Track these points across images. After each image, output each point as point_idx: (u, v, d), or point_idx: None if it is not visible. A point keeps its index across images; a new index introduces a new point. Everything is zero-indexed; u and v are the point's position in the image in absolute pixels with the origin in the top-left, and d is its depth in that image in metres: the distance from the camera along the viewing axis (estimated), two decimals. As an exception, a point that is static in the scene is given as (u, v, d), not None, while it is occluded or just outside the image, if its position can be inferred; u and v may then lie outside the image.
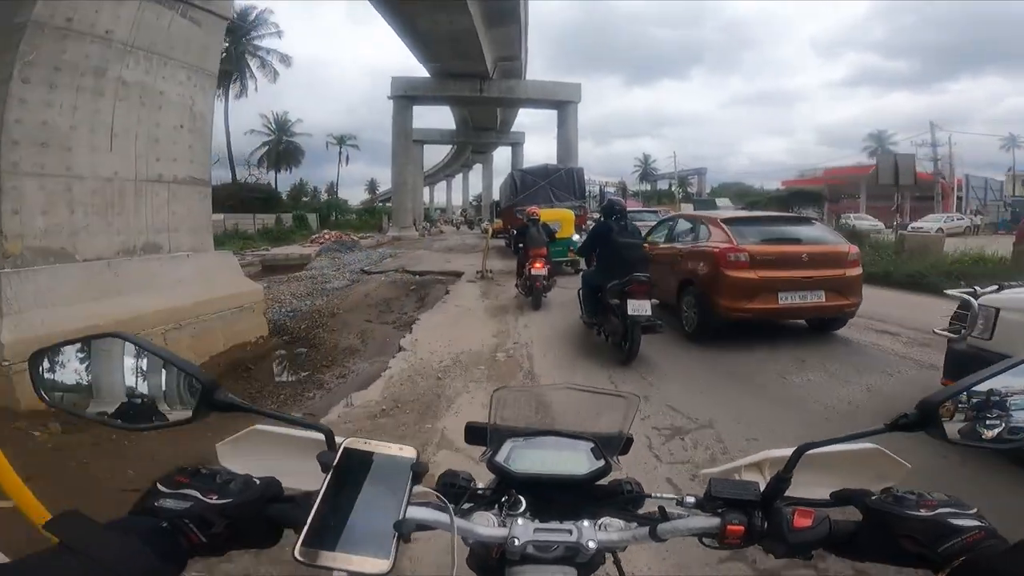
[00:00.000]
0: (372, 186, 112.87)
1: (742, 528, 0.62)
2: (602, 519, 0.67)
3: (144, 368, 0.64)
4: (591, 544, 0.62)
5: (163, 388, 0.64)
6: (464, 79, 34.39)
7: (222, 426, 0.86)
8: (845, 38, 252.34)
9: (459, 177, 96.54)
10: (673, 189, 66.47)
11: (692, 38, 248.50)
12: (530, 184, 17.64)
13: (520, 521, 0.65)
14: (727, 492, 0.64)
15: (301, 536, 0.53)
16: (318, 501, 0.56)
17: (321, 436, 0.64)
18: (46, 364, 0.64)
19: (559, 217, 13.23)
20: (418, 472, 0.61)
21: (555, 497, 0.70)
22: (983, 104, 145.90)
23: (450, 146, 70.67)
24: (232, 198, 37.79)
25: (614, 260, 5.67)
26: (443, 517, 0.61)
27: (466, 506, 0.68)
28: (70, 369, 0.64)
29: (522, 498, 0.69)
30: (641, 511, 0.73)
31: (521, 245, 9.06)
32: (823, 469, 0.75)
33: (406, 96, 35.01)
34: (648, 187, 79.41)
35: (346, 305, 9.53)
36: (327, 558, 0.52)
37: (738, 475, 0.81)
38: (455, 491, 0.70)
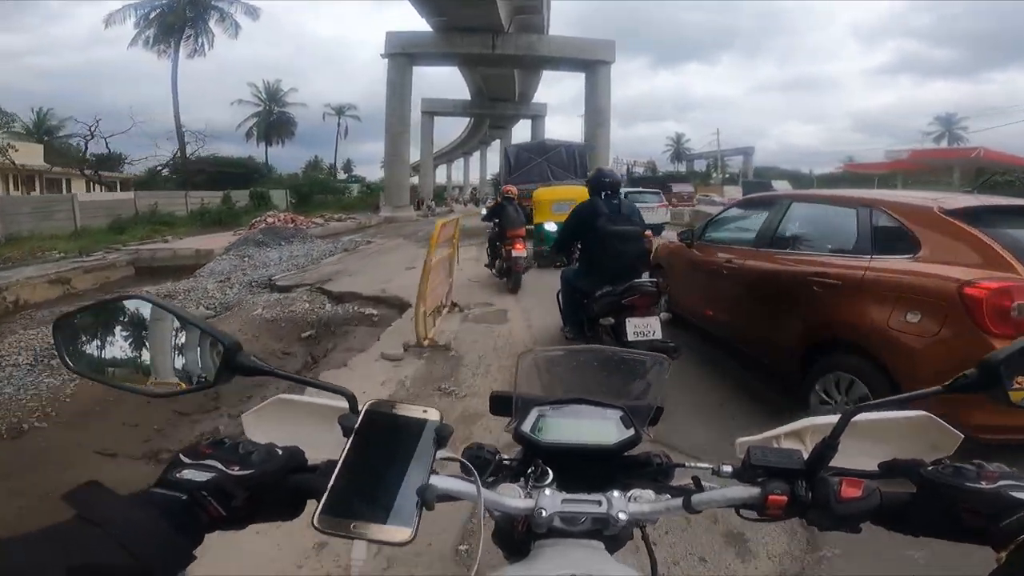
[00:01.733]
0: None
1: (785, 498, 0.58)
2: (632, 490, 0.64)
3: (167, 330, 0.62)
4: (622, 516, 0.60)
5: (185, 351, 0.62)
6: (474, 34, 29.08)
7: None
8: (887, 25, 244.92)
9: (477, 155, 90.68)
10: (712, 171, 59.92)
11: (723, 22, 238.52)
12: (525, 161, 16.07)
13: (547, 492, 0.62)
14: (768, 460, 0.60)
15: (320, 504, 0.50)
16: (338, 467, 0.53)
17: (345, 403, 0.61)
18: (69, 330, 0.62)
19: (568, 195, 10.40)
20: (442, 436, 0.57)
21: (583, 468, 0.67)
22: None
23: (466, 120, 65.60)
24: (200, 173, 32.99)
25: (603, 257, 3.86)
26: (469, 487, 0.58)
27: (491, 479, 0.66)
28: (92, 334, 0.63)
29: (549, 469, 0.66)
30: (673, 483, 0.69)
31: (496, 225, 8.21)
32: (869, 438, 0.70)
33: (404, 54, 29.59)
34: (683, 168, 72.99)
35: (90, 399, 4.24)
36: (347, 526, 0.49)
37: (777, 443, 0.74)
38: (480, 463, 0.66)
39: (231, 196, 25.03)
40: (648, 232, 4.19)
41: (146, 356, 0.63)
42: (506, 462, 0.71)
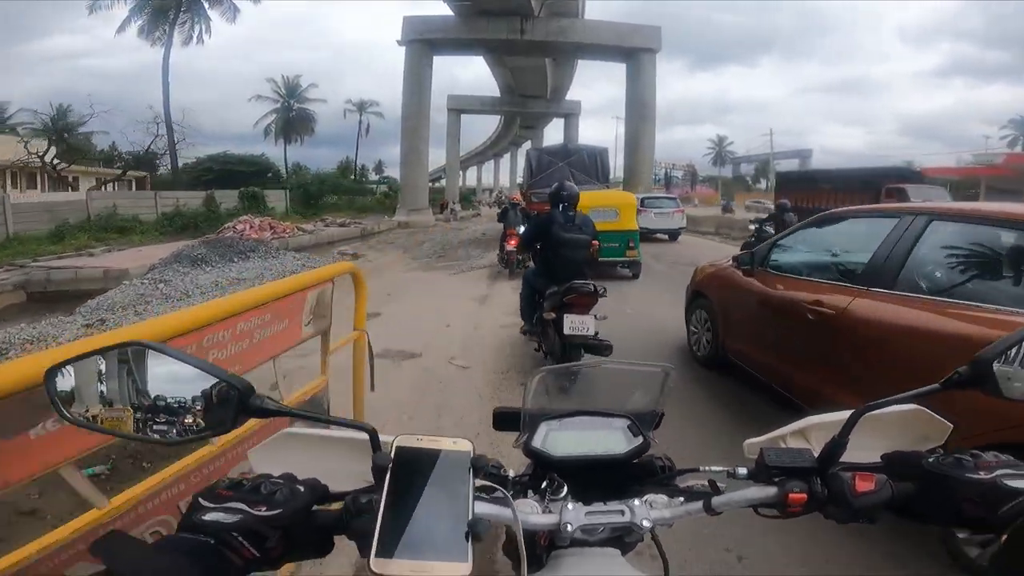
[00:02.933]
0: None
1: (804, 496, 0.60)
2: (647, 496, 0.65)
3: (172, 376, 0.59)
4: (645, 523, 0.61)
5: (194, 396, 0.59)
6: (500, 18, 26.20)
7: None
8: (937, 26, 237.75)
9: (508, 156, 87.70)
10: (763, 176, 55.17)
11: (763, 24, 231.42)
12: (547, 165, 15.97)
13: (570, 506, 0.63)
14: (782, 461, 0.63)
15: (374, 546, 0.50)
16: (382, 507, 0.52)
17: (358, 435, 0.60)
18: (64, 379, 0.59)
19: (613, 202, 9.69)
20: (478, 468, 0.57)
21: (596, 478, 0.69)
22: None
23: (496, 120, 62.72)
24: (208, 172, 30.65)
25: (554, 260, 4.38)
26: (504, 511, 0.59)
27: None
28: (90, 383, 0.60)
29: (564, 482, 0.67)
30: (684, 485, 0.70)
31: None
32: (867, 432, 0.70)
33: (422, 40, 26.77)
34: (727, 171, 68.45)
35: None
36: (403, 567, 0.49)
37: (784, 443, 0.76)
38: (496, 481, 0.65)
39: (215, 197, 21.90)
40: (595, 241, 4.56)
41: (149, 403, 0.59)
42: (516, 478, 0.71)
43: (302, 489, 0.57)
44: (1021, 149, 49.10)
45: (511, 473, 0.70)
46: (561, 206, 4.39)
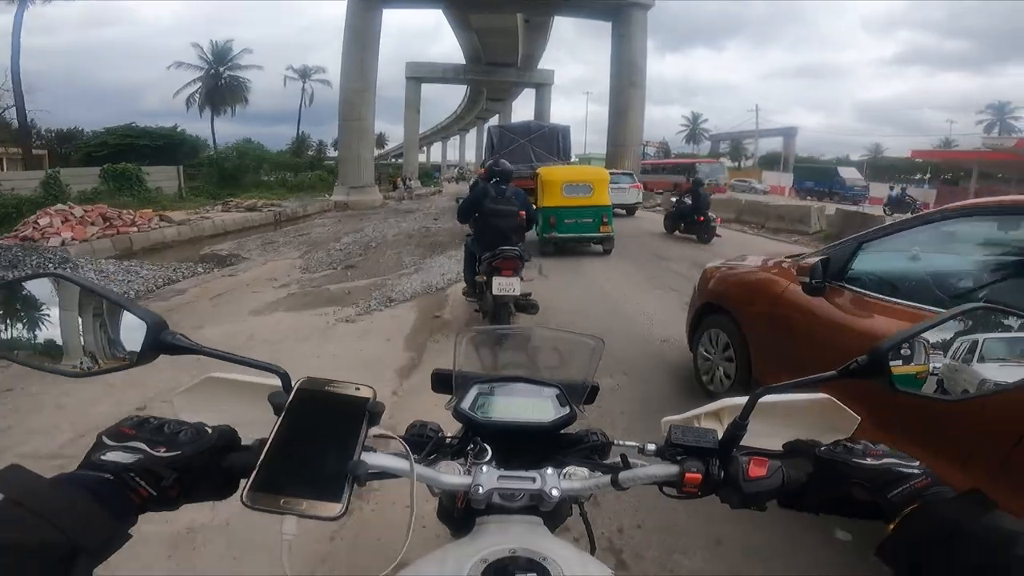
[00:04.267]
0: (381, 140, 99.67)
1: (699, 476, 0.60)
2: (568, 468, 0.66)
3: (86, 309, 0.60)
4: (554, 492, 0.61)
5: (107, 330, 0.60)
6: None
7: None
8: (899, 17, 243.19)
9: (474, 132, 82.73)
10: (743, 154, 51.86)
11: (733, 8, 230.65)
12: (508, 142, 15.47)
13: (484, 469, 0.63)
14: (686, 440, 0.63)
15: (249, 480, 0.51)
16: (268, 444, 0.53)
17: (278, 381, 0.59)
18: None
19: (587, 177, 9.66)
20: (373, 412, 0.57)
21: (521, 445, 0.70)
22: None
23: (462, 93, 57.74)
24: (103, 148, 25.18)
25: (486, 229, 4.81)
26: (403, 463, 0.58)
27: (433, 456, 0.67)
28: (6, 312, 0.60)
29: (488, 447, 0.67)
30: (608, 461, 0.71)
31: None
32: (779, 419, 0.73)
33: (367, -16, 21.88)
34: (700, 150, 65.39)
35: None
36: (276, 502, 0.49)
37: (698, 423, 0.78)
38: (421, 441, 0.69)
39: (60, 177, 14.85)
40: (522, 212, 4.83)
41: (65, 334, 0.60)
42: (447, 440, 0.72)
43: (209, 431, 0.57)
44: (998, 133, 48.04)
45: (448, 435, 0.73)
46: (494, 180, 4.93)
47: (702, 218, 11.15)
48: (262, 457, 0.52)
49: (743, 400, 0.64)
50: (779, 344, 2.85)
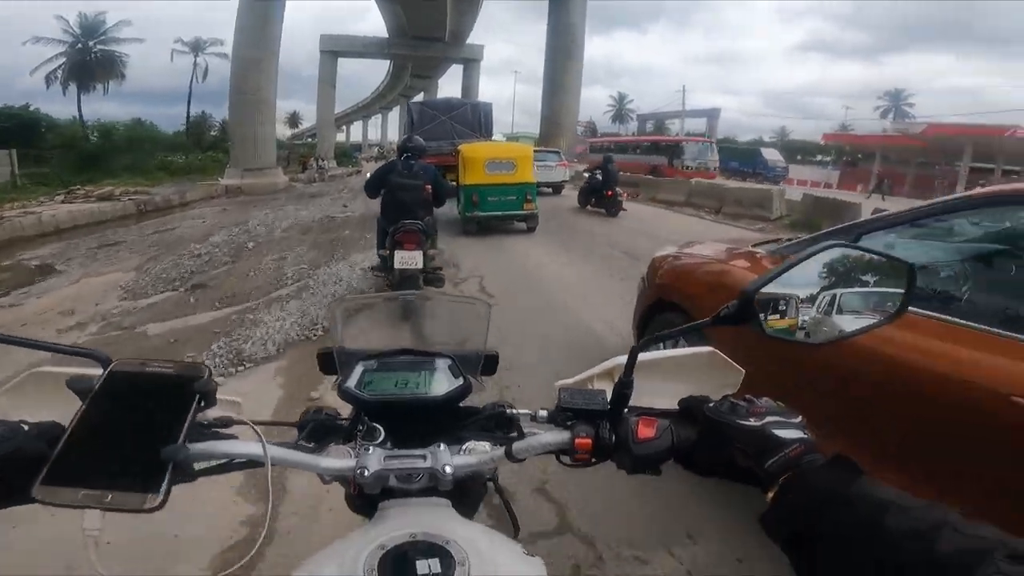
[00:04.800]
0: (294, 119, 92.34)
1: (589, 441, 0.58)
2: (467, 443, 0.62)
3: None
4: (447, 469, 0.57)
5: None
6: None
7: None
8: (808, 7, 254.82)
9: (397, 111, 78.57)
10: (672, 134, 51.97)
11: None
12: (429, 119, 15.10)
13: (371, 450, 0.58)
14: (576, 403, 0.61)
15: (42, 473, 0.45)
16: (67, 433, 0.48)
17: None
18: None
19: (510, 154, 9.37)
20: (205, 391, 0.51)
21: (416, 423, 0.64)
22: (925, 78, 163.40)
23: (386, 66, 54.01)
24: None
25: (391, 202, 4.81)
26: (255, 448, 0.52)
27: (322, 442, 0.63)
28: None
29: (378, 426, 0.62)
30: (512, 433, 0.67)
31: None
32: (667, 375, 0.72)
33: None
34: (629, 129, 65.49)
35: None
36: (74, 495, 0.44)
37: (591, 385, 0.74)
38: (315, 427, 0.65)
39: None
40: (427, 186, 4.79)
41: None
42: (339, 423, 0.67)
43: (26, 428, 0.50)
44: (892, 119, 51.86)
45: (343, 418, 0.67)
46: (404, 155, 4.97)
47: (610, 192, 11.69)
48: (59, 448, 0.47)
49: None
50: (754, 353, 1.73)
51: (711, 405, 0.57)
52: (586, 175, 13.33)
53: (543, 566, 0.56)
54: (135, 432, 0.48)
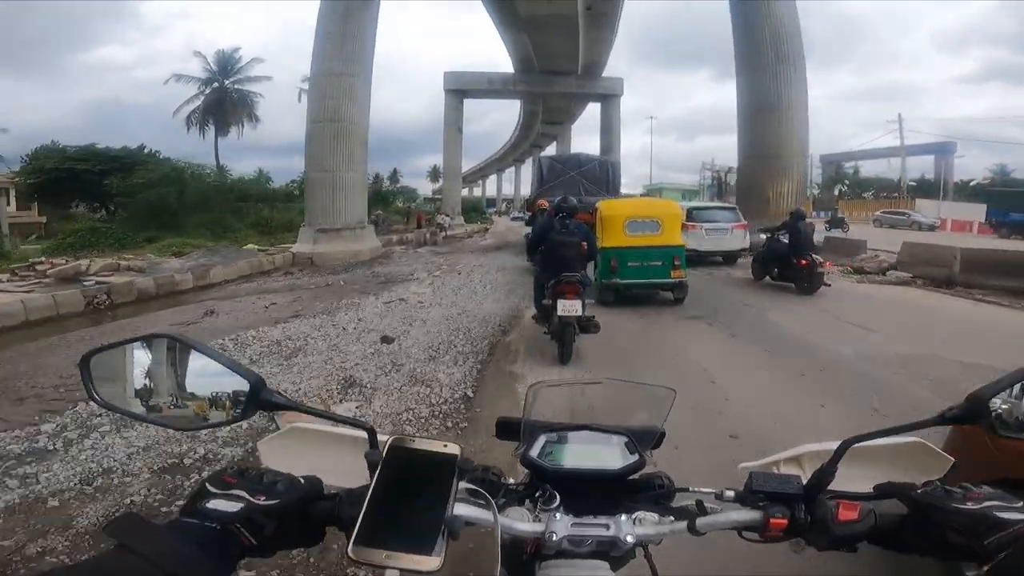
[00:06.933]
0: (435, 174, 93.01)
1: (785, 521, 0.60)
2: (636, 513, 0.65)
3: (194, 367, 0.64)
4: (628, 538, 0.61)
5: (212, 386, 0.64)
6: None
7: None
8: (970, 33, 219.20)
9: (530, 163, 75.40)
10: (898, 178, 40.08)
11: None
12: (558, 173, 14.96)
13: (557, 516, 0.63)
14: (769, 486, 0.62)
15: (354, 534, 0.52)
16: (367, 499, 0.54)
17: (363, 434, 0.63)
18: (98, 365, 0.63)
19: (654, 213, 8.06)
20: (464, 469, 0.59)
21: (589, 492, 0.69)
22: None
23: (516, 114, 50.49)
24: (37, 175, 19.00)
25: (551, 258, 5.32)
26: (486, 514, 0.60)
27: (500, 502, 0.66)
28: (121, 369, 0.64)
29: (556, 493, 0.67)
30: (674, 504, 0.71)
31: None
32: (865, 463, 0.72)
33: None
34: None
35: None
36: (379, 556, 0.51)
37: (777, 468, 0.77)
38: (488, 487, 0.66)
39: None
40: (583, 243, 5.33)
41: (171, 391, 0.64)
42: (512, 486, 0.72)
43: (302, 481, 0.59)
44: None
45: (510, 481, 0.72)
46: (559, 215, 5.51)
47: (804, 261, 8.45)
48: (364, 510, 0.53)
49: (824, 446, 0.66)
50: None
51: (920, 491, 0.58)
52: (763, 236, 10.15)
53: None
54: (415, 500, 0.55)
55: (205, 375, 0.63)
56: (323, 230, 13.76)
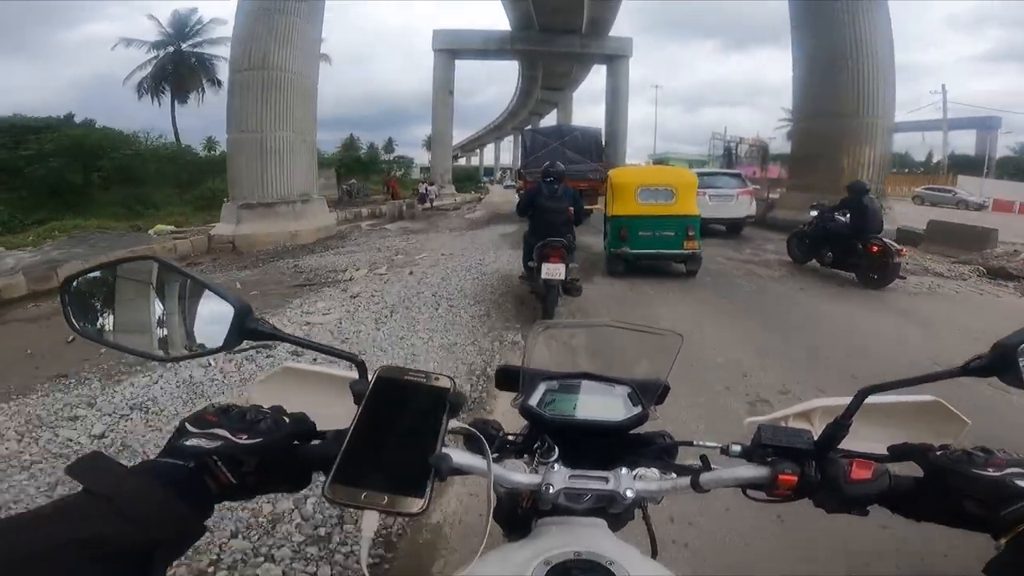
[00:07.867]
0: (430, 143, 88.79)
1: (795, 478, 0.57)
2: (638, 469, 0.63)
3: (177, 292, 0.61)
4: (628, 493, 0.59)
5: (195, 314, 0.61)
6: None
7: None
8: (986, 13, 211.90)
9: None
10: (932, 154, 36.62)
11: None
12: (541, 144, 15.69)
13: (555, 468, 0.61)
14: (778, 440, 0.60)
15: (331, 474, 0.49)
16: (348, 436, 0.52)
17: (356, 375, 0.59)
18: (76, 290, 0.60)
19: (668, 181, 7.67)
20: (454, 404, 0.56)
21: (590, 445, 0.67)
22: None
23: (515, 82, 46.90)
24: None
25: (540, 222, 5.49)
26: (479, 461, 0.57)
27: (495, 454, 0.63)
28: (101, 295, 0.61)
29: (555, 445, 0.65)
30: (679, 462, 0.68)
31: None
32: (878, 421, 0.70)
33: None
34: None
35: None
36: (358, 496, 0.48)
37: (786, 423, 0.74)
38: (485, 437, 0.64)
39: None
40: (570, 208, 5.47)
41: (154, 318, 0.61)
42: (510, 438, 0.71)
43: (287, 420, 0.57)
44: None
45: (509, 433, 0.70)
46: (547, 180, 5.62)
47: (876, 247, 6.66)
48: (343, 449, 0.50)
49: (837, 400, 0.63)
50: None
51: (938, 453, 0.56)
52: (812, 213, 8.09)
53: None
54: (402, 437, 0.52)
55: (190, 300, 0.60)
56: (249, 205, 10.82)
